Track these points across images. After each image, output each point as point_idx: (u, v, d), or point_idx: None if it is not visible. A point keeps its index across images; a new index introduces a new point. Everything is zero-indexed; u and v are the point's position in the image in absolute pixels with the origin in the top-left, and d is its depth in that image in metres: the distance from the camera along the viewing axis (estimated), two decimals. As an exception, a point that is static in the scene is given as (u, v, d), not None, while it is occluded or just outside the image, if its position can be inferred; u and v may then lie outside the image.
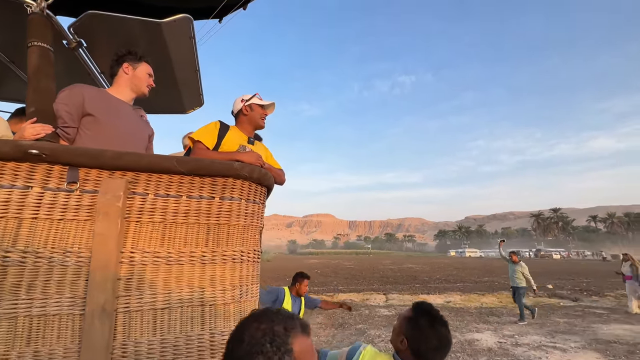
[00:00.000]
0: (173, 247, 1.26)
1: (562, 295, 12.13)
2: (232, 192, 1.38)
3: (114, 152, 1.23)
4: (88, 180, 1.22)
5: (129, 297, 1.16)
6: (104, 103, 1.39)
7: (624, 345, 5.96)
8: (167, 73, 2.29)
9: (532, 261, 52.79)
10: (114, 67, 1.55)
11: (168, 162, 1.28)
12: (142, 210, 1.25)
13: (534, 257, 75.31)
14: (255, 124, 1.80)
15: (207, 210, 1.33)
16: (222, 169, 1.35)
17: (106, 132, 1.36)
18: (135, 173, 1.27)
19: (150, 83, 1.64)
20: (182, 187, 1.32)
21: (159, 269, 1.22)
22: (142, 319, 1.17)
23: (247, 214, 1.42)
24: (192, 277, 1.26)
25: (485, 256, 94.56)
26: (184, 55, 2.13)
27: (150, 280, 1.21)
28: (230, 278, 1.32)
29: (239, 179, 1.39)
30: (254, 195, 1.46)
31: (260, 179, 1.46)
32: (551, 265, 38.25)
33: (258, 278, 1.48)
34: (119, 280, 1.16)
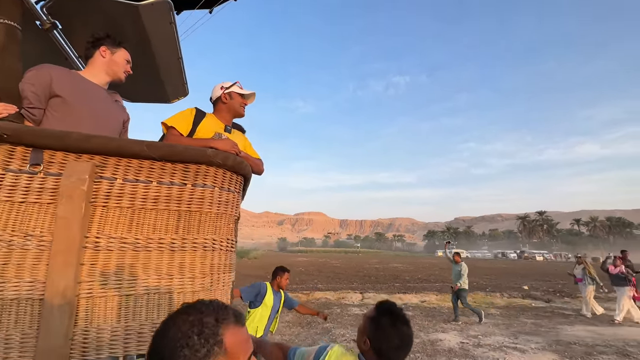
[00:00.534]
0: (141, 233, 1.23)
1: (535, 297, 12.44)
2: (204, 180, 1.36)
3: (81, 134, 1.19)
4: (53, 162, 1.18)
5: (93, 283, 1.14)
6: (74, 85, 1.35)
7: (582, 347, 6.08)
8: (148, 60, 2.25)
9: (515, 262, 54.09)
10: (90, 49, 1.51)
11: (138, 146, 1.25)
12: (110, 194, 1.22)
13: (517, 259, 76.90)
14: (234, 112, 1.77)
15: (179, 197, 1.31)
16: (194, 155, 1.33)
17: (75, 115, 1.32)
18: (103, 157, 1.24)
19: (127, 69, 1.60)
20: (152, 172, 1.29)
21: (125, 255, 1.20)
22: (106, 305, 1.14)
23: (221, 202, 1.40)
24: (160, 264, 1.23)
25: (471, 257, 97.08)
26: (165, 41, 2.09)
27: (116, 266, 1.18)
28: (201, 266, 1.30)
29: (212, 166, 1.37)
30: (228, 184, 1.44)
31: (235, 166, 1.44)
32: (533, 266, 39.26)
33: (232, 267, 1.46)
34: (82, 266, 1.13)
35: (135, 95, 2.73)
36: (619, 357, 5.56)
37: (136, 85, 2.61)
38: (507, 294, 12.82)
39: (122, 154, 1.24)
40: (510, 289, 14.57)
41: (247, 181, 1.68)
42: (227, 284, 1.41)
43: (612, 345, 6.20)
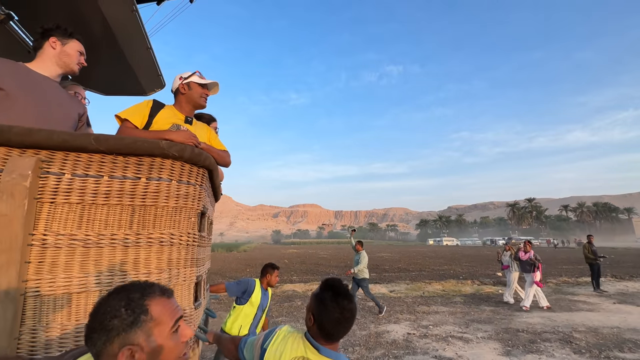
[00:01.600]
0: (92, 230, 1.20)
1: (504, 283, 12.51)
2: (160, 173, 1.32)
3: (22, 128, 1.15)
4: (-5, 158, 1.14)
5: (40, 281, 1.11)
6: (19, 77, 1.30)
7: (529, 335, 6.07)
8: (116, 50, 2.17)
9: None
10: (39, 40, 1.45)
11: (85, 139, 1.20)
12: (57, 190, 1.18)
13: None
14: (194, 103, 1.71)
15: (132, 191, 1.27)
16: (147, 147, 1.28)
17: (18, 108, 1.27)
18: (50, 151, 1.19)
19: (81, 61, 1.53)
20: (103, 166, 1.25)
21: (75, 252, 1.16)
22: (55, 303, 1.12)
23: (179, 195, 1.36)
24: (113, 260, 1.20)
25: (461, 244, 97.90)
26: (130, 31, 2.01)
27: (65, 264, 1.15)
28: (157, 261, 1.27)
29: (167, 158, 1.33)
30: (187, 176, 1.40)
31: (194, 158, 1.39)
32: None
33: (196, 262, 1.43)
34: (29, 264, 1.10)
35: (108, 88, 2.66)
36: (562, 343, 5.56)
37: (108, 77, 2.55)
38: (479, 282, 12.92)
39: (68, 147, 1.20)
40: (485, 276, 14.60)
41: (213, 173, 1.64)
42: (189, 278, 1.38)
43: (560, 332, 6.22)
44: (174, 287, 1.30)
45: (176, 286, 1.31)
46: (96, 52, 2.14)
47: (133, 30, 2.02)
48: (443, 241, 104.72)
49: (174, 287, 1.30)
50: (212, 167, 1.56)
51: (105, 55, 2.21)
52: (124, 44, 2.13)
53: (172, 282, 1.30)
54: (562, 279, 13.50)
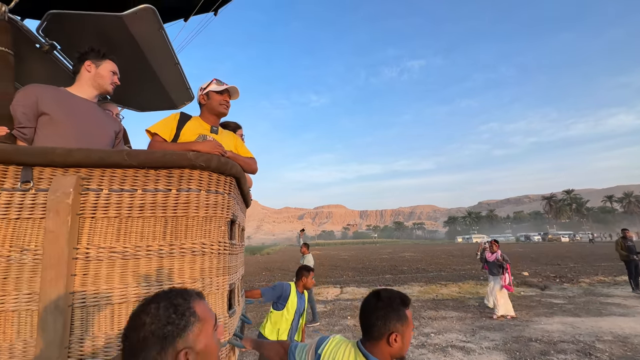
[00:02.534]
0: (129, 242, 1.25)
1: (531, 283, 11.44)
2: (189, 184, 1.35)
3: (64, 148, 1.22)
4: (42, 178, 1.22)
5: (85, 293, 1.17)
6: (60, 101, 1.40)
7: (543, 345, 5.31)
8: (147, 69, 2.29)
9: (536, 245, 50.10)
10: (76, 65, 1.55)
11: (118, 156, 1.25)
12: (97, 205, 1.24)
13: (541, 241, 69.92)
14: (215, 111, 1.73)
15: (164, 203, 1.31)
16: (175, 160, 1.31)
17: (62, 130, 1.37)
18: (88, 169, 1.26)
19: (114, 81, 1.62)
20: (136, 180, 1.30)
21: (115, 264, 1.22)
22: (100, 313, 1.17)
23: (209, 204, 1.38)
24: (149, 271, 1.24)
25: None
26: (158, 48, 2.10)
27: (107, 276, 1.20)
28: (190, 271, 1.29)
29: (195, 169, 1.35)
30: (215, 186, 1.41)
31: (221, 167, 1.40)
32: (553, 249, 36.29)
33: (228, 270, 1.44)
34: (74, 277, 1.17)
35: (142, 105, 2.82)
36: (579, 356, 4.84)
37: (141, 95, 2.70)
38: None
39: (105, 164, 1.26)
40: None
41: (240, 181, 1.65)
42: (222, 287, 1.39)
43: (580, 341, 5.38)
44: (208, 296, 1.32)
45: (209, 295, 1.33)
46: (129, 72, 2.27)
47: (161, 48, 2.11)
48: (472, 238, 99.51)
49: (207, 295, 1.31)
50: (240, 174, 1.57)
51: (137, 74, 2.34)
52: (154, 61, 2.23)
53: (205, 290, 1.31)
54: (598, 277, 12.19)
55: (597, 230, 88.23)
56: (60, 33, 1.84)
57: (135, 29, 1.86)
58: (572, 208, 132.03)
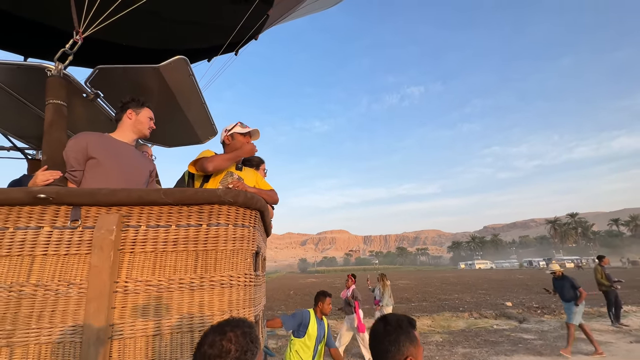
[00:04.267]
0: (163, 275, 1.33)
1: (510, 315, 10.59)
2: (218, 218, 1.44)
3: (108, 189, 1.35)
4: (89, 217, 1.35)
5: (123, 325, 1.24)
6: (106, 146, 1.56)
7: None
8: (177, 110, 2.49)
9: (539, 271, 46.89)
10: (119, 113, 1.73)
11: (155, 194, 1.37)
12: (135, 241, 1.34)
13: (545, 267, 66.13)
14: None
15: (195, 237, 1.39)
16: (206, 196, 1.42)
17: (107, 172, 1.51)
18: (129, 207, 1.38)
19: (151, 125, 1.79)
20: (171, 216, 1.40)
21: (150, 297, 1.29)
22: (135, 345, 1.23)
23: (236, 238, 1.46)
24: (181, 303, 1.31)
25: (496, 268, 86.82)
26: (189, 92, 2.30)
27: (142, 308, 1.28)
28: (219, 303, 1.35)
29: (224, 204, 1.45)
30: (242, 219, 1.50)
31: (247, 202, 1.49)
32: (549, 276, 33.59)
33: (252, 302, 1.49)
34: (114, 309, 1.25)
35: (171, 141, 3.03)
36: None
37: (170, 132, 2.91)
38: (479, 314, 10.95)
39: (143, 202, 1.38)
40: (490, 306, 12.68)
41: (264, 214, 1.73)
42: (247, 319, 1.43)
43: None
44: (235, 328, 1.36)
45: (237, 327, 1.37)
46: (161, 113, 2.47)
47: (191, 91, 2.31)
48: (475, 264, 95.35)
49: (235, 328, 1.36)
50: (264, 208, 1.66)
51: (167, 114, 2.54)
52: (183, 102, 2.44)
53: (233, 323, 1.35)
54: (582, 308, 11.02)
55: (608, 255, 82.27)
56: (103, 82, 2.06)
57: (169, 76, 2.07)
58: (578, 232, 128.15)
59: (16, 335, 1.18)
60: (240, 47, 4.76)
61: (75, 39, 1.78)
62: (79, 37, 1.78)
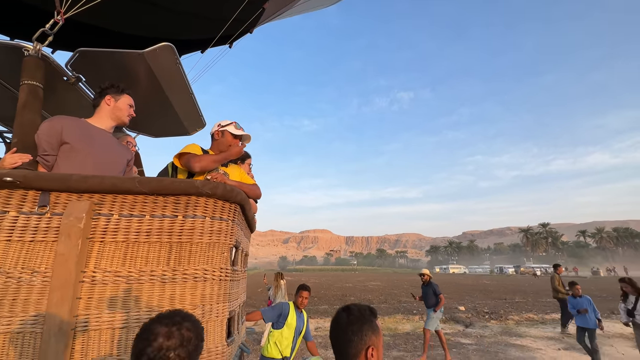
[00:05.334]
0: (134, 266, 1.28)
1: (459, 320, 10.83)
2: (195, 210, 1.40)
3: (79, 175, 1.30)
4: (58, 203, 1.30)
5: (88, 317, 1.19)
6: (81, 131, 1.50)
7: None
8: (163, 99, 2.43)
9: (507, 278, 50.02)
10: (97, 99, 1.67)
11: (130, 183, 1.32)
12: (107, 230, 1.30)
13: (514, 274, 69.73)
14: (223, 150, 1.86)
15: (170, 228, 1.35)
16: (184, 187, 1.38)
17: (80, 158, 1.46)
18: (101, 195, 1.33)
19: (130, 113, 1.73)
20: (145, 206, 1.36)
21: (118, 288, 1.25)
22: (100, 338, 1.19)
23: (213, 231, 1.42)
24: (151, 296, 1.27)
25: (469, 273, 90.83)
26: (175, 81, 2.25)
27: (110, 300, 1.23)
28: (191, 297, 1.31)
29: (201, 196, 1.41)
30: (220, 212, 1.46)
31: (226, 195, 1.46)
32: (517, 282, 35.18)
33: (227, 297, 1.45)
34: (79, 300, 1.20)
35: (157, 131, 2.96)
36: None
37: (157, 122, 2.84)
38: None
39: (117, 191, 1.33)
40: (445, 310, 12.80)
41: (245, 207, 1.70)
42: (221, 314, 1.39)
43: None
44: (207, 323, 1.32)
45: (209, 322, 1.33)
46: (146, 102, 2.41)
47: (177, 80, 2.26)
48: (450, 269, 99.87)
49: (206, 323, 1.32)
50: (244, 202, 1.62)
51: (153, 103, 2.48)
52: (169, 92, 2.38)
53: (205, 318, 1.32)
54: (528, 315, 11.49)
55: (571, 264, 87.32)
56: (86, 66, 2.00)
57: (155, 64, 2.01)
58: (548, 242, 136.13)
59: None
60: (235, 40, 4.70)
61: (56, 19, 1.71)
62: (60, 18, 1.72)
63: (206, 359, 1.29)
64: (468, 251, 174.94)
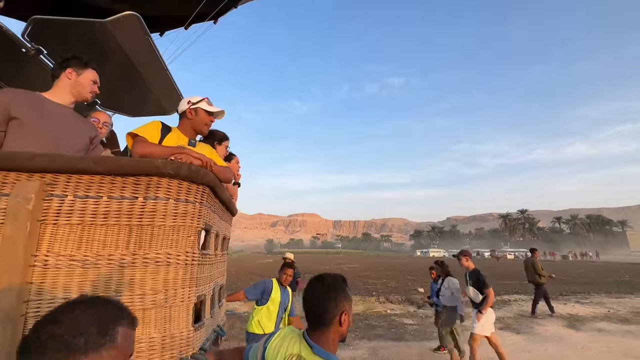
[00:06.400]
0: (90, 250, 1.22)
1: (413, 301, 11.16)
2: (156, 192, 1.32)
3: (27, 153, 1.21)
4: (6, 183, 1.21)
5: (40, 302, 1.13)
6: (33, 106, 1.39)
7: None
8: (135, 75, 2.30)
9: (482, 261, 53.11)
10: (57, 70, 1.55)
11: (84, 162, 1.24)
12: (60, 212, 1.22)
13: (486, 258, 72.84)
14: (197, 129, 1.76)
15: (129, 211, 1.28)
16: (143, 167, 1.29)
17: (32, 135, 1.36)
18: (54, 175, 1.24)
19: (94, 90, 1.61)
20: (102, 187, 1.28)
21: (73, 273, 1.18)
22: (54, 324, 1.13)
23: (177, 214, 1.35)
24: (109, 281, 1.21)
25: (448, 256, 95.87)
26: (145, 55, 2.11)
27: (64, 285, 1.17)
28: (152, 282, 1.25)
29: (163, 177, 1.33)
30: (185, 194, 1.39)
31: (191, 176, 1.38)
32: (489, 265, 36.30)
33: (193, 281, 1.40)
34: (31, 285, 1.14)
35: (134, 111, 2.83)
36: None
37: (132, 101, 2.71)
38: (385, 298, 11.61)
39: (70, 170, 1.24)
40: (404, 292, 13.27)
41: (216, 189, 1.62)
42: (187, 299, 1.34)
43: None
44: (171, 308, 1.28)
45: (173, 307, 1.28)
46: (119, 79, 2.28)
47: (148, 55, 2.12)
48: (430, 253, 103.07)
49: (170, 307, 1.28)
50: (214, 183, 1.54)
51: (127, 80, 2.35)
52: (142, 68, 2.25)
53: (168, 302, 1.27)
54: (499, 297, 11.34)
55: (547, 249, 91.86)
56: (47, 38, 1.85)
57: (121, 36, 1.88)
58: (525, 227, 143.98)
59: None
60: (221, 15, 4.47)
61: (4, -18, 1.56)
62: (9, -20, 1.56)
63: (169, 344, 1.25)
64: (450, 236, 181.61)
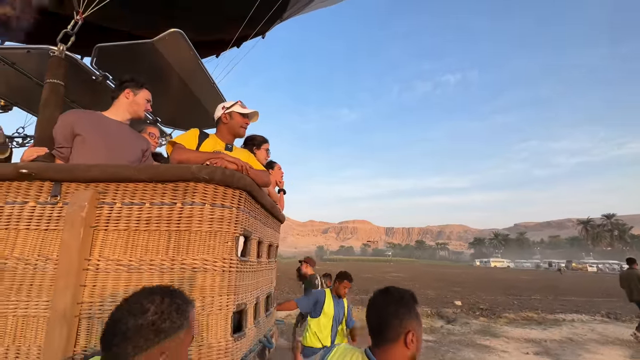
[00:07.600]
0: (134, 255, 1.26)
1: (443, 314, 10.19)
2: (193, 197, 1.32)
3: (84, 165, 1.32)
4: (69, 193, 1.33)
5: (92, 304, 1.20)
6: (92, 123, 1.54)
7: None
8: (186, 91, 2.46)
9: (552, 274, 45.81)
10: (116, 91, 1.71)
11: (129, 171, 1.30)
12: (110, 218, 1.29)
13: (559, 270, 56.46)
14: (234, 132, 1.78)
15: (168, 216, 1.30)
16: (179, 173, 1.31)
17: (92, 149, 1.49)
18: (105, 184, 1.33)
19: (147, 108, 1.74)
20: (145, 194, 1.32)
21: (120, 277, 1.23)
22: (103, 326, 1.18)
23: (213, 219, 1.33)
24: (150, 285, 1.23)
25: (514, 267, 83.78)
26: (192, 70, 2.24)
27: (112, 288, 1.22)
28: (189, 288, 1.24)
29: (199, 182, 1.33)
30: (222, 199, 1.37)
31: (226, 180, 1.36)
32: (563, 279, 31.27)
33: (232, 289, 1.36)
34: (84, 287, 1.21)
35: (187, 125, 3.04)
36: None
37: (187, 116, 2.91)
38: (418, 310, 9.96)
39: (118, 179, 1.31)
40: (439, 304, 12.36)
41: (254, 194, 1.58)
42: (225, 307, 1.30)
43: None
44: (208, 316, 1.25)
45: (210, 315, 1.25)
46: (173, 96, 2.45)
47: (195, 69, 2.25)
48: (491, 262, 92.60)
49: (207, 316, 1.24)
50: (251, 187, 1.51)
51: (180, 96, 2.52)
52: (193, 84, 2.40)
53: (205, 310, 1.24)
54: (526, 314, 10.42)
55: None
56: (110, 64, 2.08)
57: (168, 52, 2.01)
58: (614, 235, 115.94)
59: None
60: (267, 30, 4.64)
61: (75, 19, 1.79)
62: (79, 17, 1.79)
63: (206, 354, 1.21)
64: (516, 244, 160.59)
